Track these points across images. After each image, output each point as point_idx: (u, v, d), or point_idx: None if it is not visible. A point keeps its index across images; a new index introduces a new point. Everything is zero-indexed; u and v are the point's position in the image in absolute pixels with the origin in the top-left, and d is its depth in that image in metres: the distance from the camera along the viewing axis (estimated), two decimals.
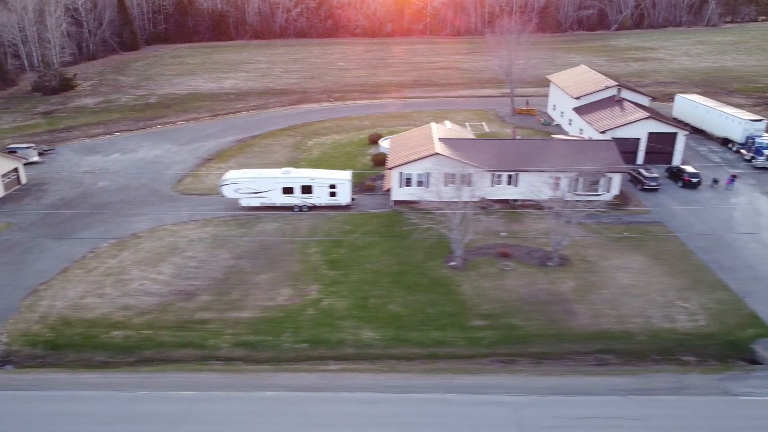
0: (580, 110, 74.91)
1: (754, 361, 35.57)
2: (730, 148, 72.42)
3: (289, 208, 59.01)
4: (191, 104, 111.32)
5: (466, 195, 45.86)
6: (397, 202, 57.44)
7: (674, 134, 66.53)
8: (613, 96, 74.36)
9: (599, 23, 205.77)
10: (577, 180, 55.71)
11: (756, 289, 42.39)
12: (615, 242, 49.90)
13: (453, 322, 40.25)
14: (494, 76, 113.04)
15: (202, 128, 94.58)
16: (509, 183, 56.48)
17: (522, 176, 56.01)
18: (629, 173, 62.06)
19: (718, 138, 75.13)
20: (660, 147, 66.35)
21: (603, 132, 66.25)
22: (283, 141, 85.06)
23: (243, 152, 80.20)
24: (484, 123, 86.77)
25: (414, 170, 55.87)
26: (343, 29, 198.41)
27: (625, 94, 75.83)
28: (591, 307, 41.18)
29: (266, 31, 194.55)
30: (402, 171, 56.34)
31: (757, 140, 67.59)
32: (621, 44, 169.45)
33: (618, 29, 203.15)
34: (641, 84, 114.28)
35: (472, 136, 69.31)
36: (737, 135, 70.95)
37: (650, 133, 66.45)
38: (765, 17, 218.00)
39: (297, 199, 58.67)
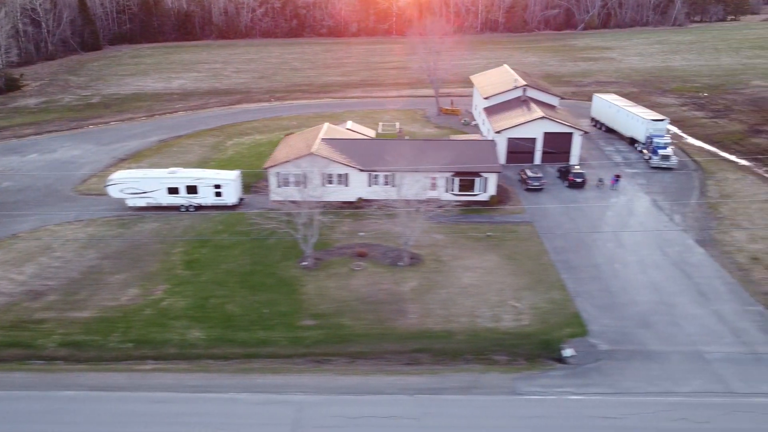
0: (489, 110, 75.09)
1: (561, 360, 35.73)
2: (636, 148, 72.63)
3: (176, 208, 59.24)
4: (131, 104, 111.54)
5: (307, 195, 46.07)
6: (275, 202, 57.55)
7: (570, 134, 66.72)
8: (520, 96, 74.50)
9: (566, 23, 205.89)
10: (452, 180, 56.05)
11: (590, 288, 42.60)
12: (476, 242, 50.11)
13: (283, 322, 40.47)
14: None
15: (131, 128, 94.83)
16: (386, 183, 56.62)
17: (398, 176, 56.04)
18: (519, 173, 62.34)
19: (627, 138, 75.33)
20: (554, 148, 66.57)
21: (498, 132, 66.47)
22: (204, 141, 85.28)
23: (160, 152, 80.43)
24: (397, 123, 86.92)
25: (291, 170, 56.08)
26: (309, 29, 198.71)
27: (536, 94, 75.93)
28: (423, 306, 41.38)
29: (232, 31, 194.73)
30: (279, 171, 56.56)
31: (655, 140, 67.79)
32: (581, 44, 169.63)
33: (585, 29, 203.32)
34: (582, 83, 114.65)
35: (371, 137, 69.40)
36: (641, 134, 71.16)
37: (546, 133, 66.67)
38: (734, 17, 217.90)
39: (183, 199, 58.89)
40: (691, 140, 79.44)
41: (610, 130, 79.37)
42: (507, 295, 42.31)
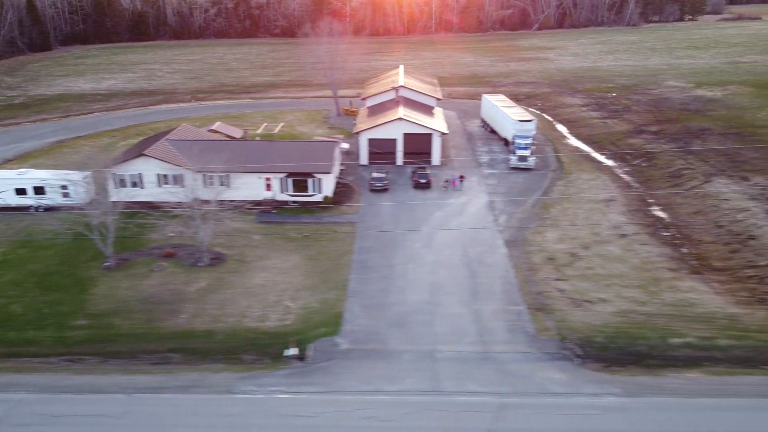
0: (368, 111, 75.54)
1: (302, 359, 36.17)
2: (509, 148, 73.05)
3: (26, 208, 59.69)
4: (52, 105, 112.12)
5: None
6: (115, 203, 57.99)
7: (429, 135, 67.14)
8: (394, 98, 74.95)
9: (522, 23, 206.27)
10: (286, 181, 56.55)
11: (370, 288, 43.03)
12: (290, 242, 50.59)
13: (57, 322, 40.91)
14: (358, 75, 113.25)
15: (38, 129, 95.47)
16: (221, 184, 57.01)
17: (233, 177, 56.61)
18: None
19: (502, 138, 75.77)
20: (415, 149, 67.05)
21: (356, 133, 66.94)
22: (98, 142, 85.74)
23: (49, 153, 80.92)
24: (281, 124, 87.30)
25: (127, 171, 56.55)
26: (263, 29, 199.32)
27: (413, 95, 76.41)
28: (199, 307, 41.82)
29: (185, 31, 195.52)
30: (115, 172, 57.00)
31: (517, 141, 68.20)
32: (526, 44, 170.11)
33: (539, 29, 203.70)
34: (500, 84, 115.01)
35: (233, 137, 69.83)
36: (510, 135, 71.55)
37: (406, 134, 67.08)
38: (691, 17, 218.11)
39: (31, 200, 59.34)
40: (572, 140, 79.92)
41: (494, 131, 79.82)
42: (286, 295, 42.77)
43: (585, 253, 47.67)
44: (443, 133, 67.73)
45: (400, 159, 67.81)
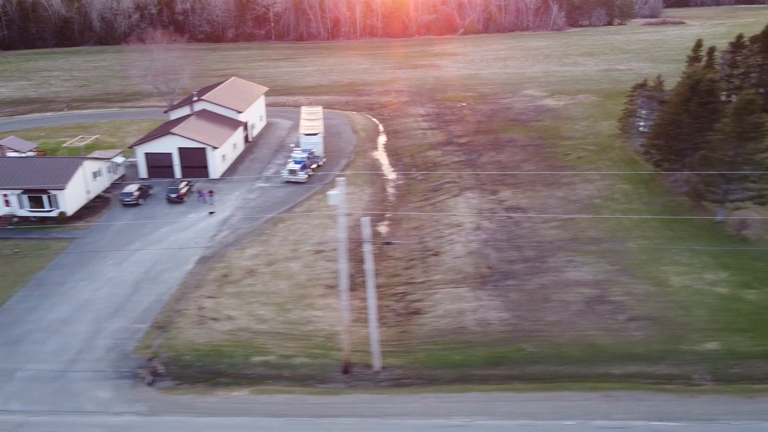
0: (172, 124, 77.00)
1: None
2: None
3: None
4: None
5: None
6: None
7: (203, 149, 68.60)
8: (190, 112, 76.44)
9: (448, 28, 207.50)
10: (22, 197, 58.07)
11: (17, 306, 44.49)
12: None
13: None
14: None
15: None
16: None
17: None
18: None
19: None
20: (191, 162, 68.55)
21: (131, 147, 68.41)
22: None
23: None
24: (96, 136, 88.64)
25: None
26: (189, 35, 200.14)
27: (215, 108, 77.93)
28: None
29: (110, 37, 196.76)
30: None
31: (293, 154, 69.63)
32: (437, 50, 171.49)
33: (464, 33, 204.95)
34: (369, 92, 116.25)
35: (22, 151, 71.45)
36: (300, 147, 72.89)
37: (180, 149, 68.53)
38: (620, 21, 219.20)
39: None
40: (378, 152, 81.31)
41: None
42: None
43: (264, 270, 49.11)
44: (215, 147, 68.98)
45: (178, 172, 69.23)
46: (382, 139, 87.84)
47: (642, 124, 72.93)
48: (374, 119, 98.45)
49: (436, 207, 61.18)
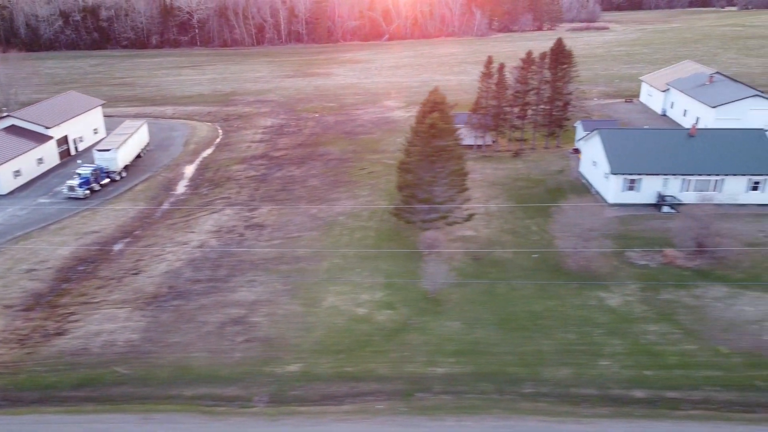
0: None
1: None
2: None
3: None
4: None
5: None
6: None
7: None
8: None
9: (374, 33, 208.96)
10: None
11: None
12: None
13: None
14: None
15: None
16: None
17: None
18: None
19: None
20: None
21: None
22: None
23: None
24: None
25: None
26: (113, 41, 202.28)
27: (24, 123, 79.61)
28: None
29: (35, 43, 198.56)
30: None
31: (78, 170, 71.32)
32: (345, 57, 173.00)
33: (389, 39, 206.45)
34: (239, 102, 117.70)
35: None
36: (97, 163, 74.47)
37: None
38: (549, 26, 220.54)
39: None
40: (189, 167, 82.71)
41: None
42: None
43: None
44: None
45: None
46: (208, 152, 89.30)
47: None
48: (220, 131, 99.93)
49: (187, 224, 62.71)
